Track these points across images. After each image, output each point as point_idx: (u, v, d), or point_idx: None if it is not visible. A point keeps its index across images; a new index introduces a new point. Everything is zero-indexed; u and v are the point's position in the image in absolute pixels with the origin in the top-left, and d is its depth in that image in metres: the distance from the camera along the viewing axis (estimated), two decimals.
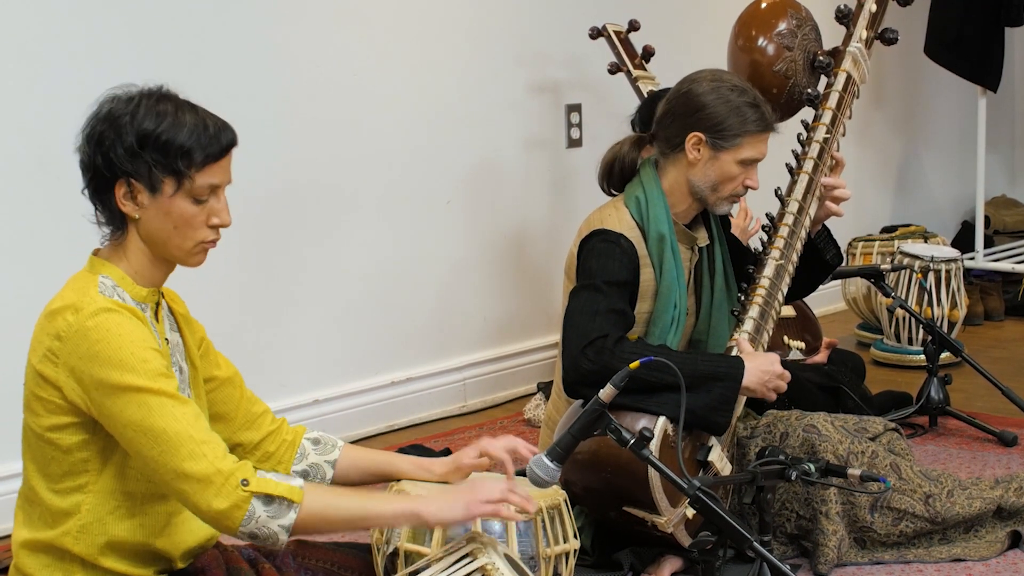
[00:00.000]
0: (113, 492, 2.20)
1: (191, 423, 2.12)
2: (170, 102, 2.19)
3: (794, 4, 3.72)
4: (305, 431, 2.55)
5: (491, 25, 4.75)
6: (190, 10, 3.92)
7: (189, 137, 2.16)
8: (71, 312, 2.13)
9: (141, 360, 2.11)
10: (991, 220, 6.57)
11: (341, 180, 4.35)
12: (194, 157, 2.16)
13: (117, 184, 2.16)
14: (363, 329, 4.46)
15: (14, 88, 3.59)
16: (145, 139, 2.14)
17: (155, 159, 2.15)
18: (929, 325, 4.23)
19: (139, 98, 2.18)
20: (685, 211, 3.21)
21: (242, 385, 2.49)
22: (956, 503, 3.18)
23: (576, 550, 2.54)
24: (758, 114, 3.11)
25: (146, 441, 2.11)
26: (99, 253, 2.25)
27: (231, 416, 2.46)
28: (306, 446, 2.52)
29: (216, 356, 2.46)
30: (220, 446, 2.14)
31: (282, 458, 2.50)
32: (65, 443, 2.18)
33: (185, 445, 2.10)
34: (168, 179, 2.16)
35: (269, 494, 2.13)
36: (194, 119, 2.18)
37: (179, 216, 2.19)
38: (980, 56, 6.11)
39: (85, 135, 2.18)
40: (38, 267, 3.49)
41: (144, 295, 2.23)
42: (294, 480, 2.18)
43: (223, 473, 2.11)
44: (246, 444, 2.49)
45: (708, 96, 3.11)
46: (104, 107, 2.19)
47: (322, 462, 2.52)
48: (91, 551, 2.20)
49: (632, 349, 2.93)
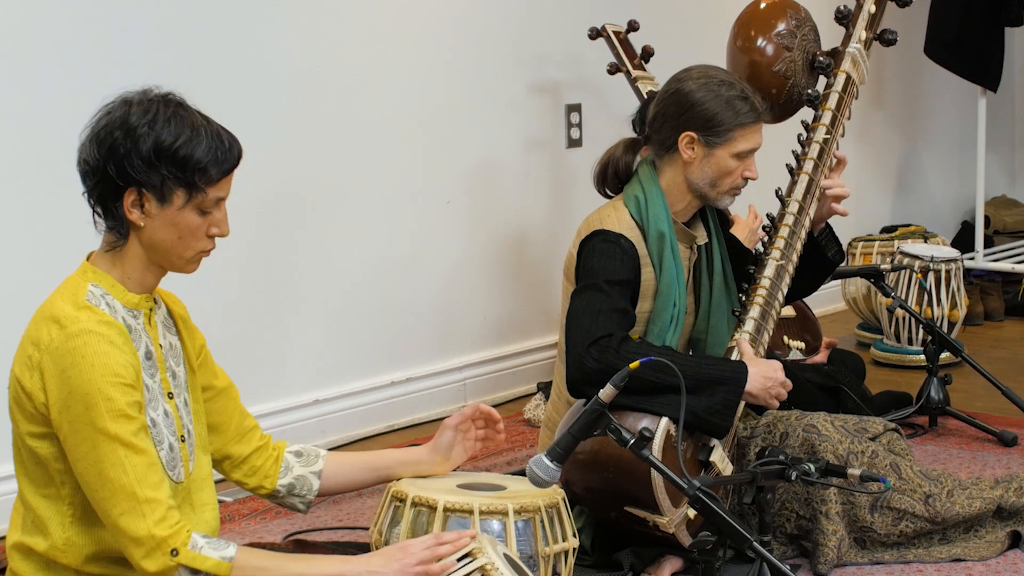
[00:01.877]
0: (90, 505, 2.20)
1: (139, 477, 2.13)
2: (186, 113, 2.19)
3: (793, 4, 3.72)
4: (286, 445, 2.57)
5: (491, 25, 4.75)
6: (189, 10, 3.92)
7: (207, 153, 2.16)
8: (56, 327, 2.14)
9: (107, 398, 2.11)
10: (991, 220, 6.57)
11: (341, 180, 4.35)
12: (210, 173, 2.17)
13: (127, 192, 2.16)
14: (363, 329, 4.46)
15: (13, 88, 3.58)
16: (162, 151, 2.14)
17: (170, 172, 2.15)
18: (929, 325, 4.23)
19: (155, 108, 2.17)
20: (684, 209, 3.21)
21: (237, 398, 2.50)
22: (956, 503, 3.18)
23: (575, 548, 2.55)
24: (748, 106, 3.11)
25: (93, 480, 2.13)
26: (92, 258, 2.25)
27: (225, 427, 2.47)
28: (289, 459, 2.54)
29: (214, 366, 2.47)
30: (161, 507, 2.14)
31: (268, 472, 2.52)
32: (43, 453, 2.19)
33: (126, 500, 2.12)
34: (180, 191, 2.17)
35: (195, 569, 2.15)
36: (210, 134, 2.18)
37: (185, 227, 2.20)
38: (980, 56, 6.11)
39: (95, 140, 2.17)
40: (37, 267, 3.48)
41: (136, 301, 2.23)
42: (227, 550, 2.18)
43: (155, 539, 2.12)
44: (235, 457, 2.50)
45: (696, 94, 3.11)
46: (117, 113, 2.17)
47: (307, 474, 2.53)
48: (79, 562, 2.21)
49: (636, 349, 2.93)
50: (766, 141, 3.25)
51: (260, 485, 2.52)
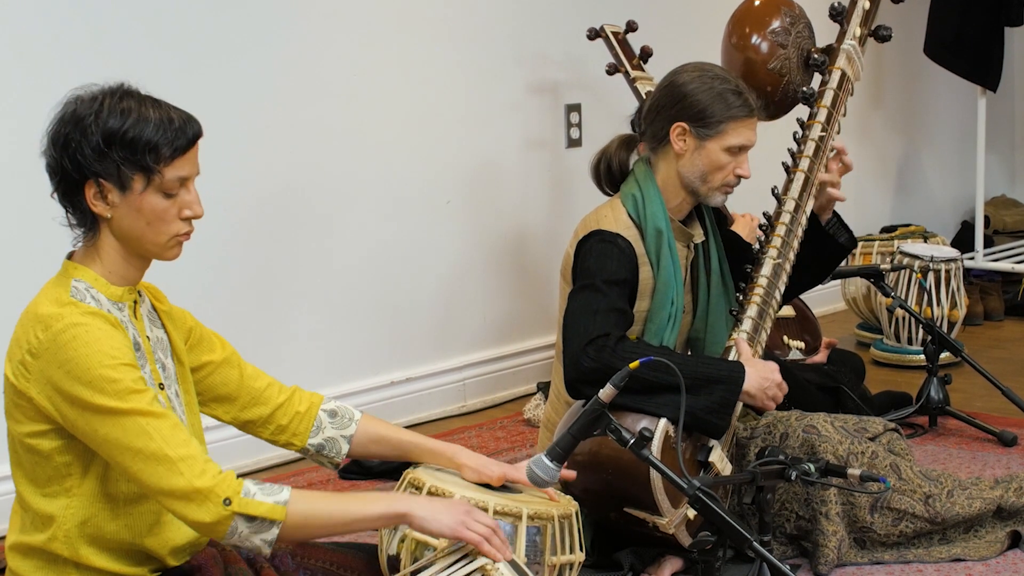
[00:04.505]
0: (97, 495, 2.20)
1: (166, 439, 2.11)
2: (133, 99, 2.18)
3: (787, 2, 3.72)
4: (322, 400, 2.53)
5: (491, 26, 4.75)
6: (189, 11, 3.92)
7: (155, 132, 2.15)
8: (41, 328, 2.13)
9: (111, 380, 2.10)
10: (991, 220, 6.57)
11: (341, 180, 4.35)
12: (162, 152, 2.15)
13: (86, 185, 2.16)
14: (363, 329, 4.46)
15: (9, 88, 3.58)
16: (111, 138, 2.13)
17: (122, 157, 2.13)
18: (929, 325, 4.23)
19: (102, 97, 2.17)
20: (679, 206, 3.21)
21: (240, 363, 2.48)
22: (956, 503, 3.18)
23: (581, 563, 2.53)
24: (740, 100, 3.11)
25: (123, 458, 2.11)
26: (72, 256, 2.25)
27: (234, 396, 2.46)
28: (323, 418, 2.51)
29: (210, 340, 2.45)
30: (197, 461, 2.13)
31: (296, 430, 2.49)
32: (46, 448, 2.18)
33: (160, 465, 2.10)
34: (137, 176, 2.15)
35: (251, 515, 2.13)
36: (158, 114, 2.17)
37: (151, 212, 2.18)
38: (980, 56, 6.11)
39: (50, 138, 2.17)
40: (31, 268, 3.48)
41: (120, 294, 2.23)
42: (280, 494, 2.16)
43: (200, 491, 2.10)
44: (256, 420, 2.48)
45: (689, 85, 3.12)
46: (67, 109, 2.17)
47: (338, 436, 2.51)
48: (80, 554, 2.20)
49: (633, 349, 2.93)
50: (761, 139, 3.25)
51: (289, 443, 2.51)
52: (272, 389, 2.49)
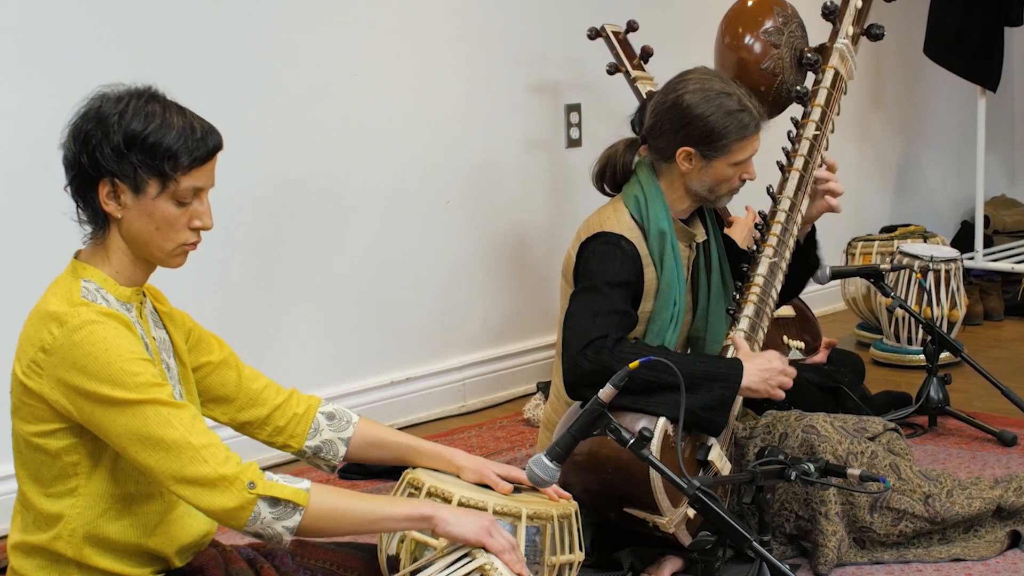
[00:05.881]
0: (103, 494, 2.20)
1: (188, 428, 2.12)
2: (158, 103, 2.18)
3: (780, 1, 3.72)
4: (320, 403, 2.53)
5: (491, 25, 4.75)
6: (189, 10, 3.92)
7: (176, 140, 2.15)
8: (55, 325, 2.12)
9: (132, 374, 2.10)
10: (991, 220, 6.57)
11: (340, 180, 4.35)
12: (180, 160, 2.16)
13: (101, 183, 2.16)
14: (362, 329, 4.46)
15: (9, 88, 3.58)
16: (132, 140, 2.13)
17: (141, 160, 2.14)
18: (929, 325, 4.23)
19: (128, 98, 2.17)
20: (683, 209, 3.21)
21: (238, 364, 2.48)
22: (956, 503, 3.18)
23: (580, 563, 2.53)
24: (748, 118, 3.08)
25: (143, 449, 2.11)
26: (80, 255, 2.25)
27: (232, 397, 2.46)
28: (320, 420, 2.51)
29: (208, 341, 2.45)
30: (220, 449, 2.14)
31: (294, 432, 2.49)
32: (53, 448, 2.17)
33: (183, 453, 2.10)
34: (153, 180, 2.16)
35: (275, 497, 2.14)
36: (182, 122, 2.17)
37: (161, 218, 2.18)
38: (980, 56, 6.11)
39: (71, 132, 2.18)
40: (35, 265, 3.48)
41: (128, 295, 2.23)
42: (301, 483, 2.18)
43: (226, 478, 2.11)
44: (254, 421, 2.48)
45: (695, 109, 3.08)
46: (92, 105, 2.18)
47: (335, 439, 2.51)
48: (83, 554, 2.20)
49: (631, 349, 2.93)
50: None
51: (286, 444, 2.51)
52: (270, 390, 2.50)
